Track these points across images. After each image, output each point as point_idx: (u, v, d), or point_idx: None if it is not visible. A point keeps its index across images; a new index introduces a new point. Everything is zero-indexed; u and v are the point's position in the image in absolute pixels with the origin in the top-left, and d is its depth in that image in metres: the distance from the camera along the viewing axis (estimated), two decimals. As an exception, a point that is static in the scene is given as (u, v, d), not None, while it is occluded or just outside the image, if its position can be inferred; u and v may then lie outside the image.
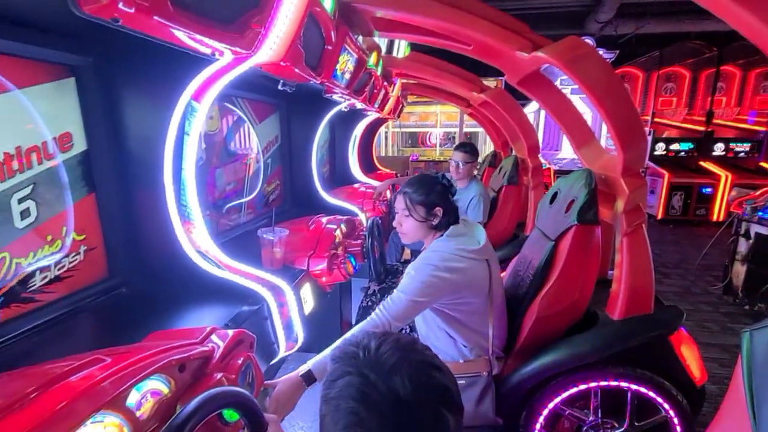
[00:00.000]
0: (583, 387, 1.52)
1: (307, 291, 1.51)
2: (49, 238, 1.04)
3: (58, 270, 1.06)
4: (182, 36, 0.85)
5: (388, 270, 1.98)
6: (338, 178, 3.53)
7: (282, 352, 1.30)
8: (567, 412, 1.55)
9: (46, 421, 0.57)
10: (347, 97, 2.09)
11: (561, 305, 1.55)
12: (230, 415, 0.77)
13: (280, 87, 1.57)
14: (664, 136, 6.75)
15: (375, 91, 2.61)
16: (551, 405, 1.54)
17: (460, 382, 1.37)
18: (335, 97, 2.07)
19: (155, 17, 0.72)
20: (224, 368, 0.87)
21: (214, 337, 0.95)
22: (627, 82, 8.09)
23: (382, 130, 8.69)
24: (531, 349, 1.55)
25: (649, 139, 6.29)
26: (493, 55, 1.70)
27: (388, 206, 3.05)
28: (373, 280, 1.88)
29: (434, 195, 1.38)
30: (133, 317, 1.13)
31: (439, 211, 1.39)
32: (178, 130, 1.18)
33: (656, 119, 7.38)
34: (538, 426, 1.56)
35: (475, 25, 1.45)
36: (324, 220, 1.94)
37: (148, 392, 0.75)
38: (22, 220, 0.97)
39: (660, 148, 6.42)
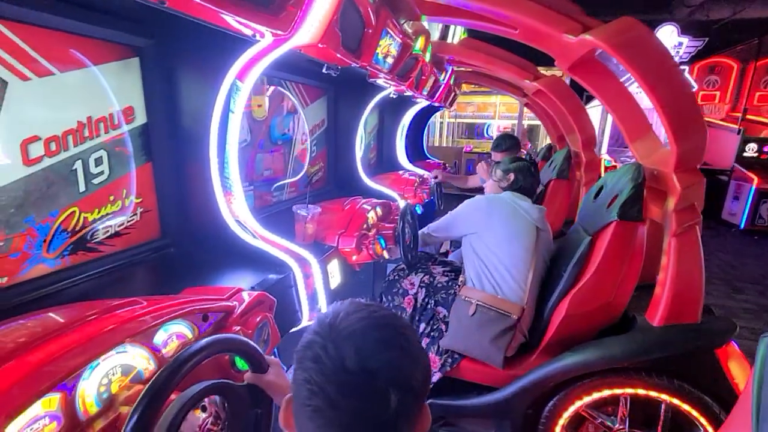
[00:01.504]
0: (611, 392, 1.43)
1: (334, 266, 1.58)
2: (112, 198, 1.19)
3: (118, 227, 1.22)
4: (226, 17, 0.92)
5: (421, 256, 1.99)
6: (385, 164, 3.57)
7: (305, 321, 1.38)
8: (592, 417, 1.47)
9: (82, 344, 0.67)
10: (391, 83, 2.10)
11: (593, 305, 1.47)
12: (242, 364, 0.85)
13: (324, 70, 1.63)
14: (761, 135, 5.90)
15: (423, 77, 2.59)
16: (575, 406, 1.48)
17: (490, 313, 1.55)
18: (380, 82, 2.09)
19: (196, -1, 0.79)
20: (243, 323, 0.95)
21: (239, 296, 1.04)
22: (718, 73, 7.17)
23: (436, 119, 8.59)
24: (558, 346, 1.50)
25: (738, 138, 5.55)
26: (541, 38, 1.61)
27: (431, 194, 3.04)
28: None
29: (514, 165, 1.77)
30: (177, 273, 1.26)
31: (511, 176, 1.76)
32: (223, 107, 1.28)
33: (749, 116, 6.48)
34: (560, 425, 1.50)
35: (520, 7, 1.38)
36: (360, 201, 1.99)
37: (174, 334, 0.85)
38: (91, 180, 1.12)
39: (751, 149, 5.65)
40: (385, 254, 1.85)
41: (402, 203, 2.65)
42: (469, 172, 6.58)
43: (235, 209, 1.37)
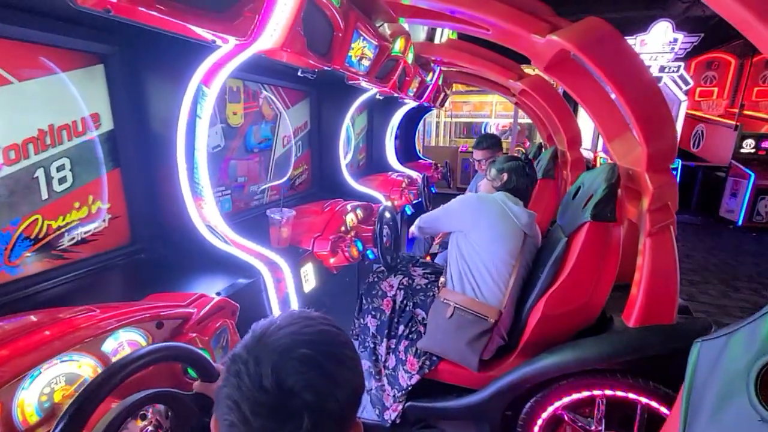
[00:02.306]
0: (587, 394, 1.42)
1: (309, 270, 1.58)
2: (77, 204, 1.19)
3: (85, 233, 1.22)
4: (178, 25, 0.92)
5: (401, 258, 1.99)
6: (374, 165, 3.57)
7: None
8: (569, 418, 1.46)
9: (22, 353, 0.67)
10: (371, 85, 2.10)
11: (569, 305, 1.46)
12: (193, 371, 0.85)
13: (300, 74, 1.63)
14: (762, 131, 5.84)
15: (407, 78, 2.59)
16: (552, 408, 1.47)
17: (467, 316, 1.55)
18: (363, 84, 2.09)
19: (140, 8, 0.79)
20: (200, 330, 0.95)
21: (201, 302, 1.03)
22: (715, 69, 7.13)
23: (432, 119, 8.57)
24: (535, 348, 1.49)
25: (735, 134, 5.51)
26: (513, 39, 1.61)
27: (419, 195, 3.03)
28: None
29: (508, 164, 1.75)
30: (146, 279, 1.26)
31: (504, 176, 1.73)
32: (189, 113, 1.28)
33: (747, 111, 6.42)
34: (537, 426, 1.49)
35: (489, 8, 1.38)
36: (341, 204, 1.98)
37: (125, 341, 0.84)
38: (54, 187, 1.12)
39: (748, 146, 5.60)
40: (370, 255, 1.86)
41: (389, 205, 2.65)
42: (464, 172, 6.56)
43: (206, 214, 1.37)
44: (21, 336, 0.71)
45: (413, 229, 1.83)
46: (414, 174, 3.49)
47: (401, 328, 1.67)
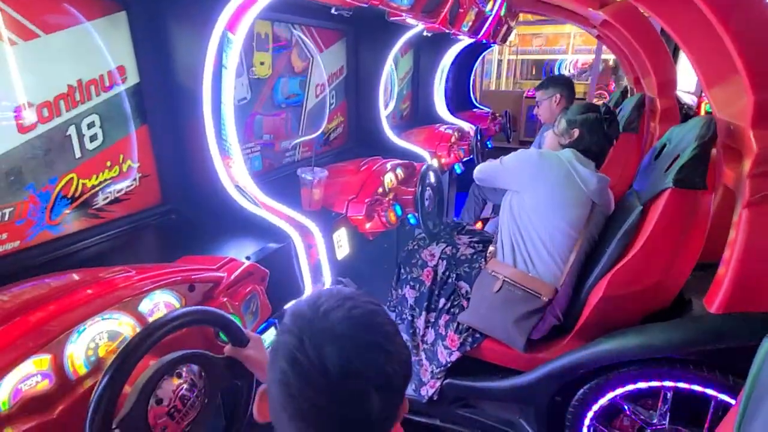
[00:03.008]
0: (654, 384, 1.43)
1: (342, 236, 1.66)
2: (109, 163, 1.33)
3: (118, 192, 1.37)
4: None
5: (445, 225, 2.02)
6: (420, 116, 3.53)
7: (308, 293, 1.49)
8: (628, 409, 1.49)
9: (70, 310, 0.81)
10: (417, 21, 2.04)
11: (638, 285, 1.44)
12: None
13: (333, 11, 1.63)
14: None
15: (461, 10, 2.47)
16: (610, 396, 1.50)
17: (517, 292, 1.57)
18: (408, 20, 2.04)
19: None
20: (230, 295, 1.07)
21: (231, 266, 1.15)
22: None
23: (493, 56, 8.13)
24: (595, 331, 1.50)
25: None
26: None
27: (471, 152, 2.99)
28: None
29: (581, 117, 1.64)
30: (178, 240, 1.41)
31: (575, 133, 1.64)
32: (215, 62, 1.34)
33: None
34: (590, 415, 1.54)
35: None
36: (379, 162, 2.02)
37: (161, 302, 0.98)
38: (86, 145, 1.26)
39: None
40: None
41: (434, 164, 2.65)
42: (530, 123, 6.27)
43: (234, 174, 1.47)
44: (67, 293, 0.85)
45: (476, 174, 1.84)
46: (466, 126, 3.42)
47: (442, 301, 1.73)
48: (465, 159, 3.02)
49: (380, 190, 1.84)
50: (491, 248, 1.73)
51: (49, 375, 0.79)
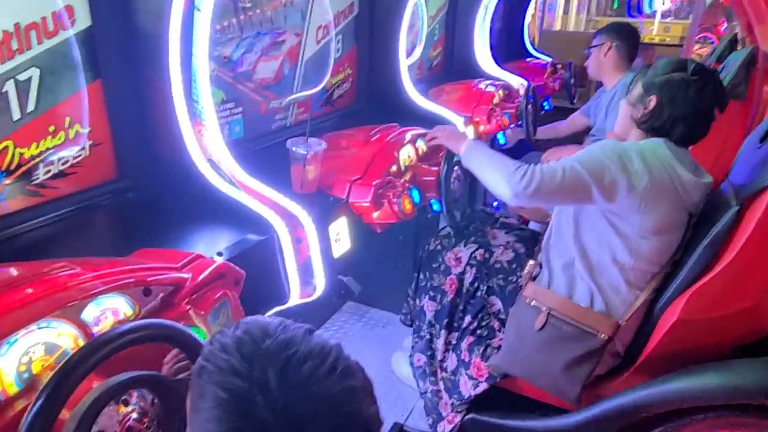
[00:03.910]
0: (735, 437, 1.45)
1: (341, 228, 1.70)
2: (52, 128, 1.38)
3: (63, 164, 1.43)
4: None
5: (479, 217, 2.03)
6: (456, 67, 3.50)
7: (295, 299, 1.54)
8: (701, 467, 1.51)
9: (6, 311, 0.87)
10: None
11: (724, 309, 1.44)
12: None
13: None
14: None
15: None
16: (678, 450, 1.52)
17: (566, 329, 1.55)
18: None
19: None
20: (195, 301, 1.12)
21: (197, 265, 1.20)
22: None
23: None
24: (664, 364, 1.52)
25: None
26: None
27: (519, 118, 2.96)
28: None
29: (662, 80, 1.52)
30: (132, 228, 1.47)
31: (651, 101, 1.52)
32: (185, 3, 1.37)
33: None
34: (647, 471, 1.56)
35: None
36: (395, 131, 2.03)
37: (108, 310, 1.03)
38: (25, 105, 1.31)
39: None
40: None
41: (470, 132, 2.64)
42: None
43: (207, 144, 1.51)
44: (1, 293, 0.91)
45: (510, 190, 1.48)
46: (516, 82, 3.37)
47: (467, 319, 1.76)
48: (511, 127, 2.99)
49: (394, 168, 1.86)
50: (531, 262, 1.70)
51: (-26, 393, 0.85)
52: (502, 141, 3.08)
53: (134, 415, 0.87)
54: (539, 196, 1.48)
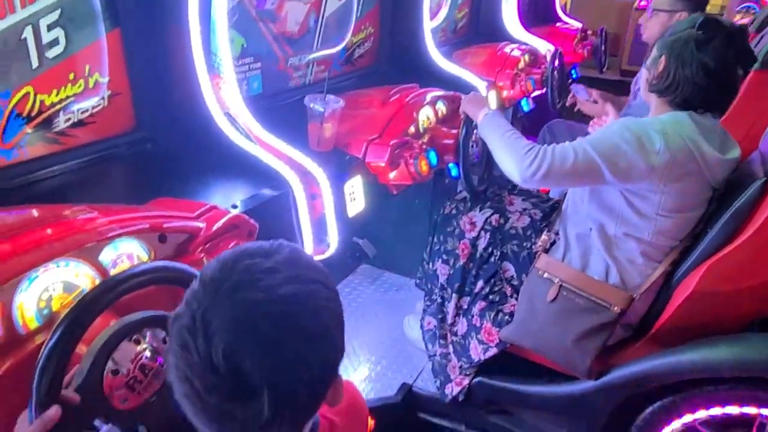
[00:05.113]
0: (747, 411, 1.46)
1: (357, 186, 1.71)
2: (72, 76, 1.41)
3: (82, 113, 1.46)
4: None
5: (497, 183, 2.01)
6: (482, 30, 3.46)
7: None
8: (709, 438, 1.53)
9: (21, 252, 0.91)
10: None
11: (743, 281, 1.44)
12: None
13: None
14: None
15: None
16: (687, 419, 1.54)
17: (578, 301, 1.55)
18: None
19: None
20: (209, 250, 1.15)
21: (212, 215, 1.23)
22: None
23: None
24: (676, 336, 1.52)
25: None
26: None
27: (545, 83, 2.91)
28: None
29: (671, 39, 1.47)
30: (149, 178, 1.50)
31: (660, 63, 1.47)
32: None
33: None
34: (657, 440, 1.59)
35: None
36: (415, 92, 2.02)
37: (124, 254, 1.07)
38: (45, 52, 1.33)
39: None
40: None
41: (493, 97, 2.61)
42: (638, 45, 5.93)
43: (225, 98, 1.53)
44: (20, 232, 0.95)
45: (519, 173, 1.49)
46: (543, 47, 3.31)
47: (479, 284, 1.77)
48: (535, 93, 2.95)
49: (412, 129, 1.86)
50: (544, 236, 1.69)
51: (-3, 325, 0.90)
52: (525, 108, 3.04)
53: (147, 354, 0.91)
54: (549, 180, 1.48)
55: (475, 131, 1.84)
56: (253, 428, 0.57)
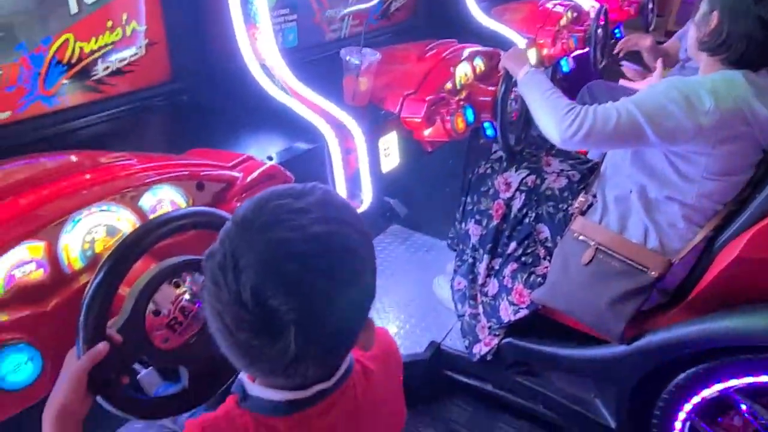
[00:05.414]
0: (787, 381, 1.43)
1: (391, 142, 1.70)
2: (110, 24, 1.41)
3: (120, 62, 1.47)
4: None
5: (535, 143, 1.97)
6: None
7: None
8: (746, 407, 1.51)
9: (65, 195, 0.94)
10: None
11: (794, 248, 1.39)
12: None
13: None
14: None
15: None
16: (720, 387, 1.52)
17: (614, 264, 1.52)
18: None
19: None
20: (245, 200, 1.16)
21: (248, 166, 1.24)
22: None
23: None
24: (714, 302, 1.50)
25: None
26: None
27: (588, 41, 2.80)
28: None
29: None
30: (186, 129, 1.52)
31: (713, 20, 1.39)
32: None
33: None
34: (687, 407, 1.58)
35: None
36: (452, 48, 1.98)
37: (166, 200, 1.09)
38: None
39: None
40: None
41: (532, 54, 2.53)
42: (687, 5, 5.66)
43: (261, 49, 1.52)
44: (63, 176, 0.98)
45: (559, 134, 1.47)
46: (587, 4, 3.18)
47: (512, 245, 1.75)
48: (577, 53, 2.85)
49: (449, 85, 1.82)
50: (581, 198, 1.65)
51: (44, 264, 0.93)
52: (565, 68, 2.94)
53: (186, 296, 0.93)
54: (590, 141, 1.44)
55: (514, 88, 1.79)
56: (280, 364, 0.58)
